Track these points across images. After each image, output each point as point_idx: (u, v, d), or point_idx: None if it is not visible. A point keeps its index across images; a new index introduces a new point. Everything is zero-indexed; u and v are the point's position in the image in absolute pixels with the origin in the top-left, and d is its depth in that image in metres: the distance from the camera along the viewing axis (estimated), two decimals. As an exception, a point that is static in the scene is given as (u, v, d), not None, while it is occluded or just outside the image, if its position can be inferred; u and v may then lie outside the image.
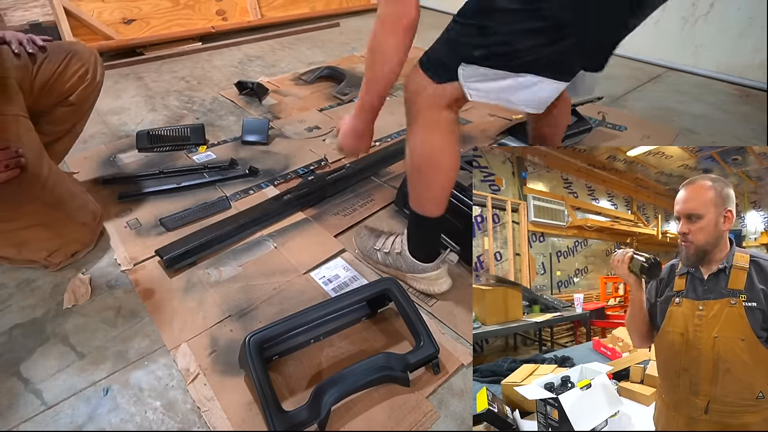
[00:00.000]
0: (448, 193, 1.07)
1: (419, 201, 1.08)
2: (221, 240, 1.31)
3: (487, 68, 0.90)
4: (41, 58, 1.28)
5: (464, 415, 0.92)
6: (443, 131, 0.99)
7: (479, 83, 0.92)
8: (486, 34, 0.87)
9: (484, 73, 0.90)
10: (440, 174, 1.03)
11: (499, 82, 0.91)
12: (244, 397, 0.93)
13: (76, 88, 1.35)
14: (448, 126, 0.99)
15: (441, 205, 1.07)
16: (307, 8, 3.45)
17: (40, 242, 1.17)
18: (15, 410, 0.91)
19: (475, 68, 0.90)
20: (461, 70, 0.91)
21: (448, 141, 1.00)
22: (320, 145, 1.84)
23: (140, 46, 2.78)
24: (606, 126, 2.02)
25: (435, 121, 0.98)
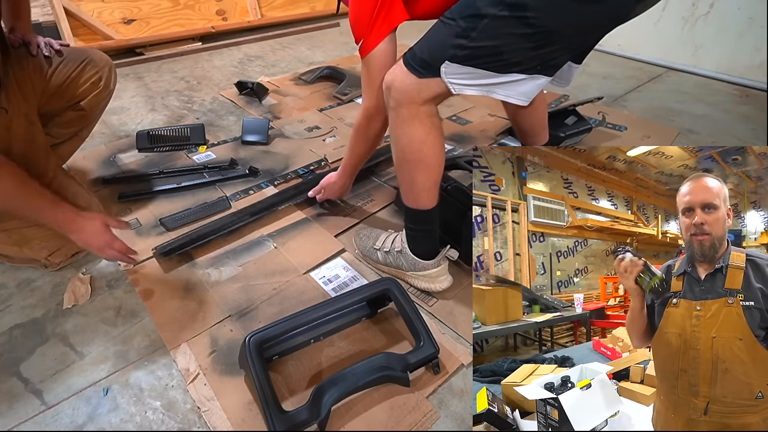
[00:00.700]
0: (436, 184, 1.08)
1: (410, 195, 1.09)
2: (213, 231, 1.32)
3: (470, 67, 0.91)
4: (57, 61, 1.29)
5: (464, 415, 0.92)
6: (425, 123, 1.00)
7: (462, 80, 0.93)
8: (471, 37, 0.88)
9: (468, 71, 0.91)
10: (426, 165, 1.04)
11: (482, 80, 0.92)
12: (244, 397, 0.93)
13: (88, 94, 1.36)
14: (428, 118, 1.00)
15: (431, 197, 1.08)
16: (307, 8, 3.45)
17: (42, 241, 1.17)
18: (15, 410, 0.91)
19: (458, 67, 0.91)
20: (444, 68, 0.92)
21: (431, 132, 1.01)
22: (320, 145, 1.84)
23: (140, 46, 2.78)
24: (606, 126, 2.02)
25: (415, 113, 0.99)
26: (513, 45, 0.86)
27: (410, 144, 1.02)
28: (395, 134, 1.03)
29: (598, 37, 0.99)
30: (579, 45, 0.95)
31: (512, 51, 0.87)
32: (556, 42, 0.86)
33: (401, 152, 1.04)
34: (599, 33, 0.97)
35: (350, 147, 1.26)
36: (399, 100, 0.99)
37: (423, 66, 0.95)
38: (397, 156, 1.06)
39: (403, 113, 1.00)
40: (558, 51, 0.90)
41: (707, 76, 2.56)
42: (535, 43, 0.86)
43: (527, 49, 0.86)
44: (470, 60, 0.90)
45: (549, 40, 0.86)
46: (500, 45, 0.87)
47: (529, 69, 0.90)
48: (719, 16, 2.46)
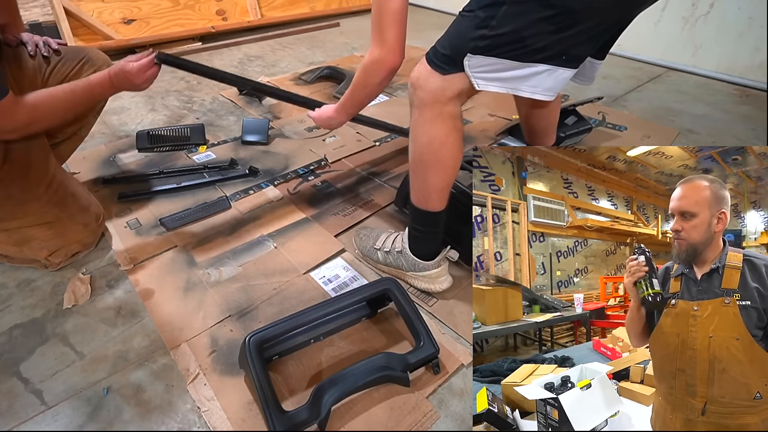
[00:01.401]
0: (449, 187, 1.07)
1: (421, 195, 1.08)
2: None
3: (493, 58, 0.89)
4: (55, 61, 1.30)
5: (464, 415, 0.92)
6: (447, 124, 0.99)
7: (486, 73, 0.92)
8: (492, 26, 0.87)
9: (491, 63, 0.90)
10: (442, 167, 1.03)
11: (507, 73, 0.91)
12: (244, 397, 0.93)
13: None
14: (451, 120, 0.99)
15: (442, 199, 1.08)
16: (307, 8, 3.45)
17: (42, 241, 1.17)
18: (15, 410, 0.91)
19: (481, 58, 0.90)
20: (467, 61, 0.91)
21: (451, 134, 1.00)
22: (320, 145, 1.84)
23: (140, 46, 2.78)
24: (606, 126, 2.02)
25: (439, 113, 0.98)
26: (534, 29, 0.85)
27: (429, 144, 1.01)
28: (415, 132, 1.02)
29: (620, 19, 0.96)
30: (600, 30, 0.92)
31: (534, 35, 0.85)
32: (577, 23, 0.84)
33: (419, 151, 1.03)
34: (618, 15, 0.94)
35: (351, 88, 1.18)
36: (424, 99, 0.98)
37: (446, 62, 0.94)
38: (414, 154, 1.05)
39: (426, 113, 0.99)
40: (580, 36, 0.87)
41: (707, 76, 2.57)
42: (557, 25, 0.84)
43: (549, 32, 0.85)
44: (492, 50, 0.89)
45: (571, 21, 0.84)
46: (521, 30, 0.85)
47: (553, 58, 0.89)
48: (719, 16, 2.46)
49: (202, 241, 1.34)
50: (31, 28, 2.52)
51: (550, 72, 0.90)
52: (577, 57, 0.92)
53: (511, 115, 2.05)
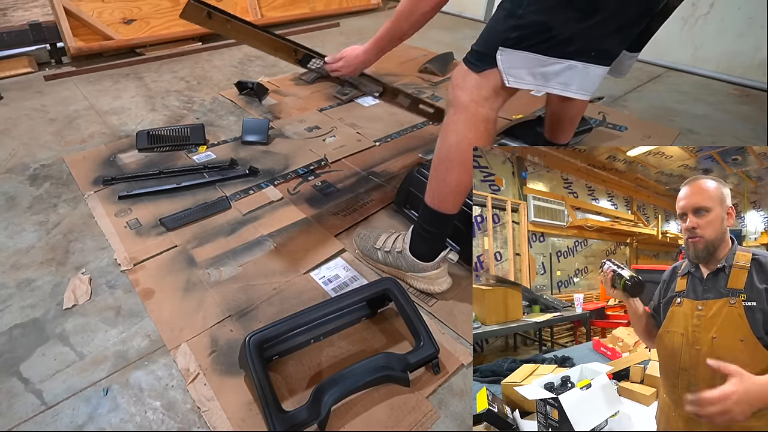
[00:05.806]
0: (467, 192, 1.06)
1: (438, 196, 1.07)
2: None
3: (524, 52, 0.89)
4: None
5: (464, 415, 0.92)
6: (479, 128, 0.99)
7: (517, 69, 0.92)
8: (518, 15, 0.88)
9: (522, 57, 0.90)
10: (465, 169, 1.02)
11: (537, 69, 0.91)
12: (244, 397, 0.93)
13: None
14: (484, 124, 0.99)
15: (458, 203, 1.07)
16: (307, 8, 3.45)
17: None
18: (15, 410, 0.91)
19: (512, 52, 0.90)
20: (500, 56, 0.91)
21: (481, 139, 1.00)
22: (320, 145, 1.84)
23: (140, 46, 2.78)
24: (606, 126, 2.02)
25: (473, 115, 0.98)
26: (559, 16, 0.85)
27: (458, 144, 1.00)
28: (446, 131, 1.02)
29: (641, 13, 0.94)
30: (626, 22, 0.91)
31: (559, 24, 0.85)
32: (601, 10, 0.84)
33: (446, 150, 1.02)
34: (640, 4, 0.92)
35: (392, 20, 1.17)
36: (460, 98, 0.98)
37: (479, 58, 0.95)
38: (441, 152, 1.04)
39: (461, 112, 0.99)
40: (605, 26, 0.87)
41: (707, 76, 2.57)
42: (581, 12, 0.84)
43: (574, 20, 0.85)
44: (521, 42, 0.89)
45: (594, 7, 0.84)
46: (547, 20, 0.86)
47: (582, 54, 0.89)
48: (719, 16, 2.46)
49: (202, 241, 1.34)
50: (32, 28, 2.52)
51: (581, 69, 0.90)
52: (607, 52, 0.92)
53: (511, 115, 2.05)
